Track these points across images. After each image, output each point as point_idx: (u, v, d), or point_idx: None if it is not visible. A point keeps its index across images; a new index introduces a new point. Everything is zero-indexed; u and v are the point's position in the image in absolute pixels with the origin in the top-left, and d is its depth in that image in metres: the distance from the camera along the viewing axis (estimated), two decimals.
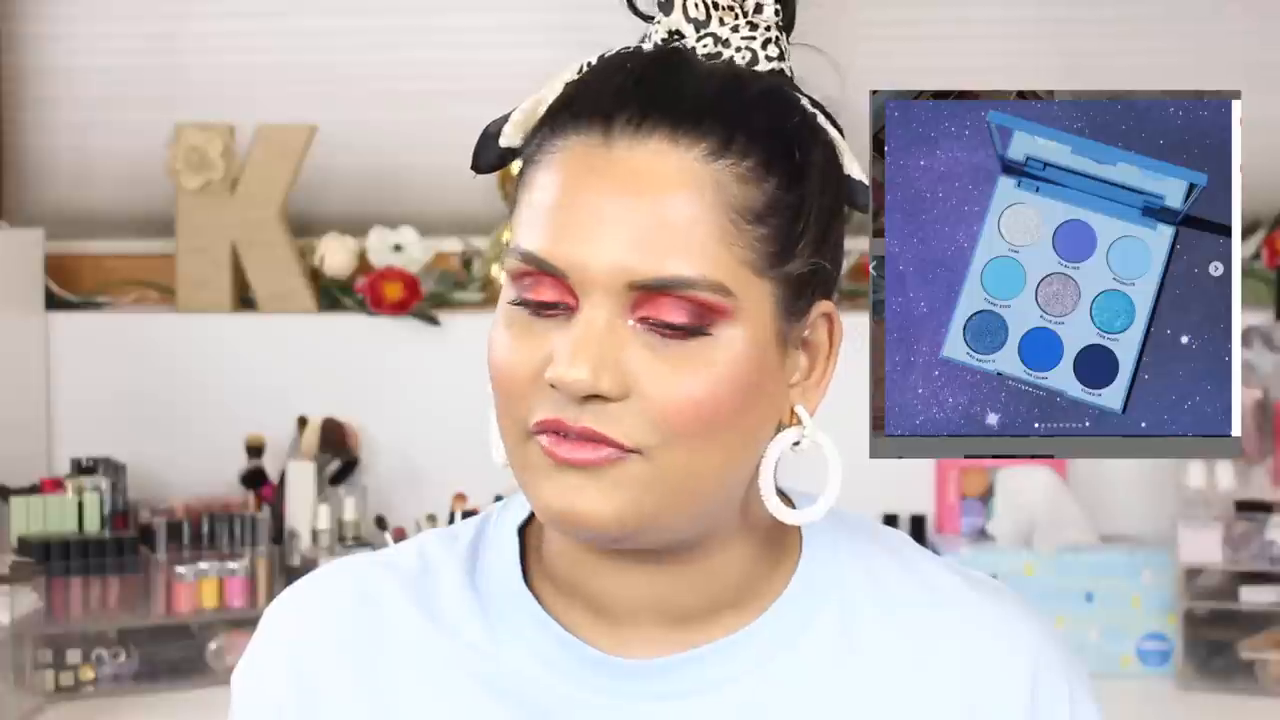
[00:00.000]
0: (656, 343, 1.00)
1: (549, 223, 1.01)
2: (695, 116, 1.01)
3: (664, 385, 1.00)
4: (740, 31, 1.07)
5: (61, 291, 3.05)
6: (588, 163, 1.01)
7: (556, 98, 1.05)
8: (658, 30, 1.07)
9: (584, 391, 0.99)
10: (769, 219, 1.02)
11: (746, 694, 1.06)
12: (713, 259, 1.00)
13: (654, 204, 0.99)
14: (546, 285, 1.01)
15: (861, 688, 1.08)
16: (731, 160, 1.01)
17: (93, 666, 2.60)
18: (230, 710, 1.13)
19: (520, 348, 1.02)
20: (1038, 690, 1.10)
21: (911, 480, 2.85)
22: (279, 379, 2.95)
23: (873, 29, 3.13)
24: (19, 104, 3.21)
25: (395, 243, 3.01)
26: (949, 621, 1.10)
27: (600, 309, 1.00)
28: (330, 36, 3.19)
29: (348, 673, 1.09)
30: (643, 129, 1.01)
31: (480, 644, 1.08)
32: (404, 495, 2.91)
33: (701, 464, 1.01)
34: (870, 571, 1.11)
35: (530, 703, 1.06)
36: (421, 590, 1.11)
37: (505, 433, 1.04)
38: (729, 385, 1.01)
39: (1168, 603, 2.68)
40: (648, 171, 1.00)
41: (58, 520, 2.64)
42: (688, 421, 1.00)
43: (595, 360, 0.99)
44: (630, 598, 1.07)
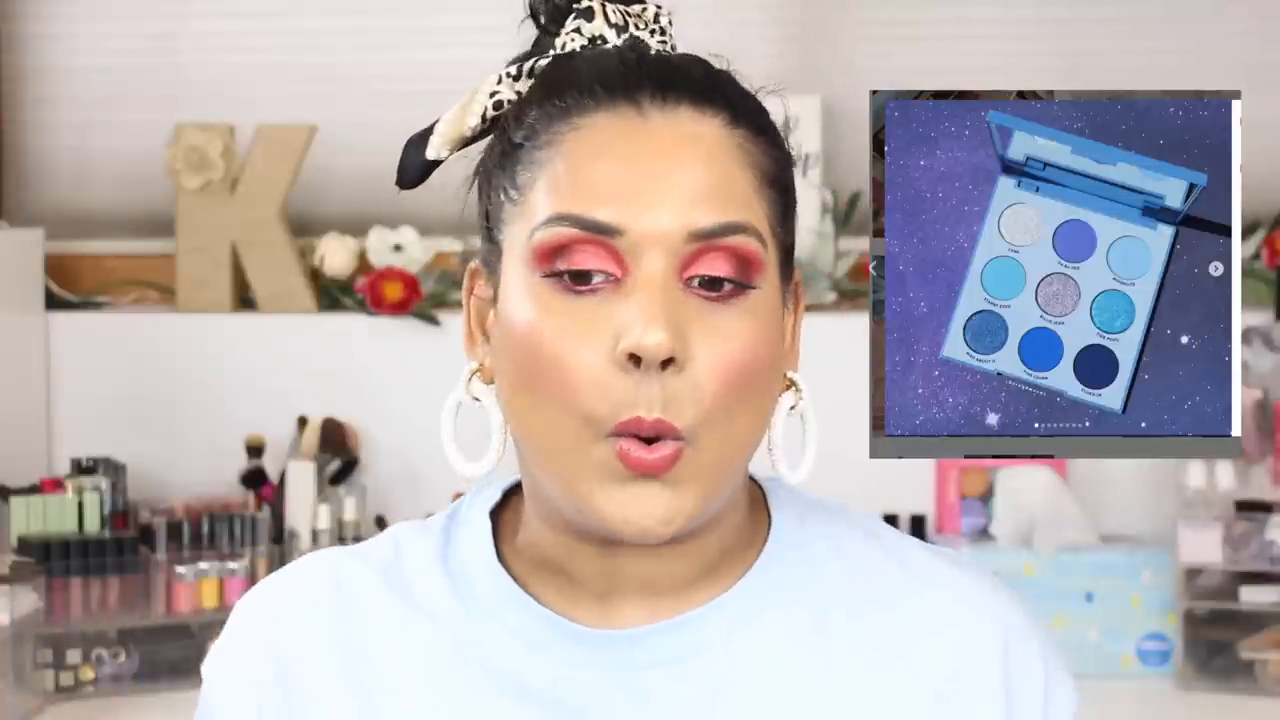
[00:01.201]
0: (703, 306, 1.02)
1: (590, 187, 1.02)
2: (707, 90, 1.05)
3: (715, 350, 1.01)
4: (655, 36, 1.10)
5: (61, 291, 3.05)
6: (625, 131, 1.03)
7: (530, 92, 1.07)
8: (575, 38, 1.09)
9: (666, 354, 0.99)
10: (777, 183, 1.06)
11: (724, 660, 1.07)
12: (754, 211, 1.04)
13: (700, 163, 1.03)
14: (590, 253, 1.01)
15: (834, 653, 1.08)
16: (744, 129, 1.05)
17: (93, 666, 2.60)
18: (202, 702, 1.12)
19: (570, 332, 1.01)
20: (1010, 657, 1.10)
21: (911, 480, 2.85)
22: (279, 379, 2.95)
23: (873, 29, 3.14)
24: (19, 104, 3.21)
25: (395, 243, 3.01)
26: (918, 592, 1.11)
27: (658, 266, 1.01)
28: (330, 36, 3.19)
29: (327, 658, 1.10)
30: (669, 102, 1.04)
31: (456, 623, 1.09)
32: (404, 495, 2.91)
33: (740, 439, 1.03)
34: (837, 543, 1.12)
35: (509, 678, 1.07)
36: (395, 576, 1.11)
37: (546, 429, 1.03)
38: (765, 346, 1.03)
39: (1168, 603, 2.68)
40: (688, 136, 1.03)
41: (58, 520, 2.64)
42: (734, 389, 1.01)
43: (667, 321, 1.00)
44: (620, 579, 1.07)
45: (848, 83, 3.07)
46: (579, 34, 1.09)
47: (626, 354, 0.99)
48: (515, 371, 1.03)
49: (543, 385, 1.02)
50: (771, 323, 1.04)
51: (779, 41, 3.13)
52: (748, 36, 3.11)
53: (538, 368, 1.02)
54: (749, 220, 1.03)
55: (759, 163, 1.05)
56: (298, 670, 1.10)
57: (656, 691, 1.06)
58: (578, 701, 1.06)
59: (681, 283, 1.01)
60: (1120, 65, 3.09)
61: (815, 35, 3.15)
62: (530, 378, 1.02)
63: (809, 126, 2.94)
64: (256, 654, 1.11)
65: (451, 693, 1.07)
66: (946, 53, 3.13)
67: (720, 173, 1.03)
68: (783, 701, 1.07)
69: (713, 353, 1.01)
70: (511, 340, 1.03)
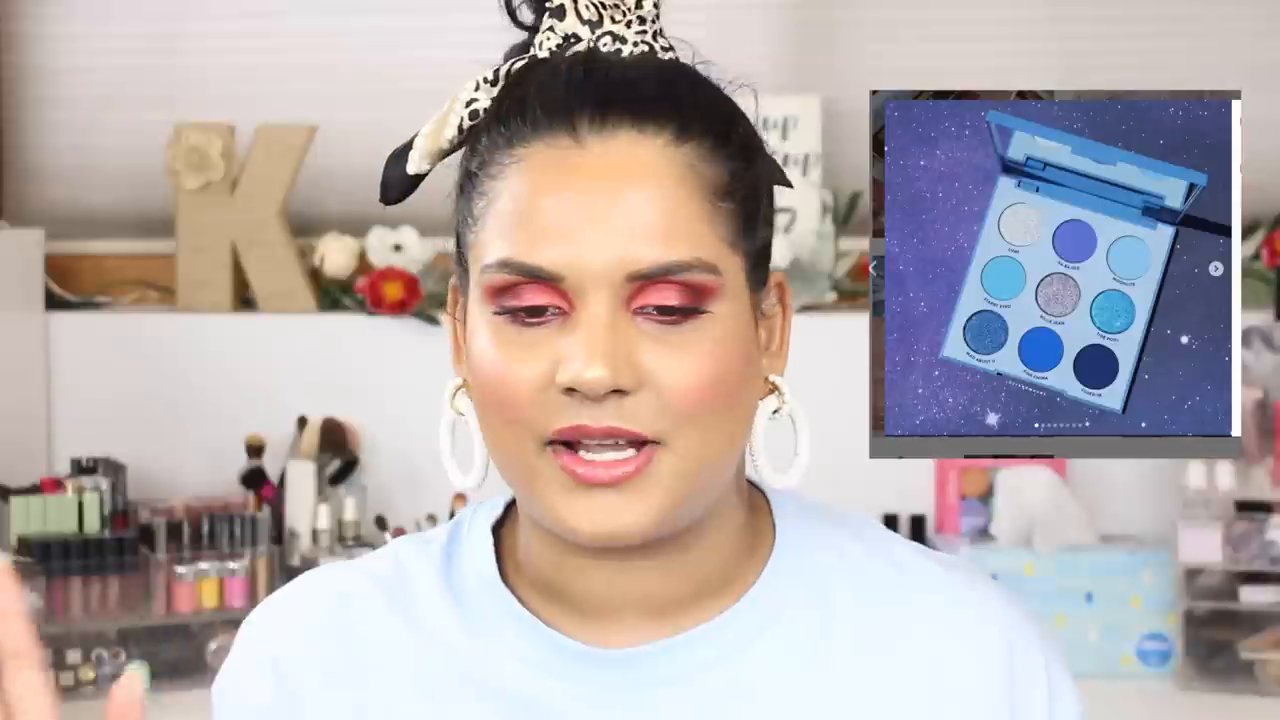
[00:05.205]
0: (658, 330, 1.01)
1: (530, 228, 1.01)
2: (651, 106, 1.02)
3: (675, 370, 1.00)
4: (633, 28, 1.08)
5: (61, 291, 3.05)
6: (561, 164, 1.01)
7: (489, 110, 1.06)
8: (550, 37, 1.08)
9: (605, 389, 0.99)
10: (735, 194, 1.04)
11: (727, 678, 1.07)
12: (699, 240, 1.01)
13: (639, 194, 1.00)
14: (535, 291, 1.01)
15: (838, 669, 1.08)
16: (694, 143, 1.02)
17: (93, 666, 2.60)
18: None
19: (517, 359, 1.01)
20: (1014, 666, 1.10)
21: (911, 480, 2.85)
22: (279, 379, 2.95)
23: (873, 29, 3.13)
24: (19, 104, 3.21)
25: (395, 243, 3.01)
26: (922, 602, 1.11)
27: (601, 305, 1.00)
28: (330, 36, 3.19)
29: (330, 679, 1.10)
30: (608, 125, 1.02)
31: (459, 643, 1.09)
32: (404, 495, 2.91)
33: (714, 444, 1.02)
34: (843, 554, 1.12)
35: (512, 698, 1.07)
36: (398, 594, 1.11)
37: (507, 447, 1.03)
38: (729, 361, 1.02)
39: (1168, 603, 2.68)
40: (625, 164, 1.01)
41: (57, 520, 2.64)
42: (703, 402, 1.01)
43: (609, 356, 0.99)
44: (616, 594, 1.07)
45: (848, 83, 3.07)
46: (553, 33, 1.08)
47: (564, 387, 1.00)
48: (478, 393, 1.05)
49: (496, 406, 1.03)
50: (736, 336, 1.03)
51: (779, 41, 3.13)
52: (748, 36, 3.11)
53: (492, 391, 1.03)
54: (693, 256, 1.01)
55: (710, 180, 1.02)
56: (301, 691, 1.10)
57: (659, 711, 1.06)
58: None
59: (630, 312, 1.01)
60: (1120, 65, 3.09)
61: (815, 35, 3.15)
62: (487, 401, 1.04)
63: (809, 126, 2.94)
64: (259, 676, 1.11)
65: (452, 712, 1.07)
66: (946, 53, 3.12)
67: (663, 205, 1.01)
68: (788, 717, 1.07)
69: (673, 372, 1.00)
70: (474, 366, 1.05)
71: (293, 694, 1.10)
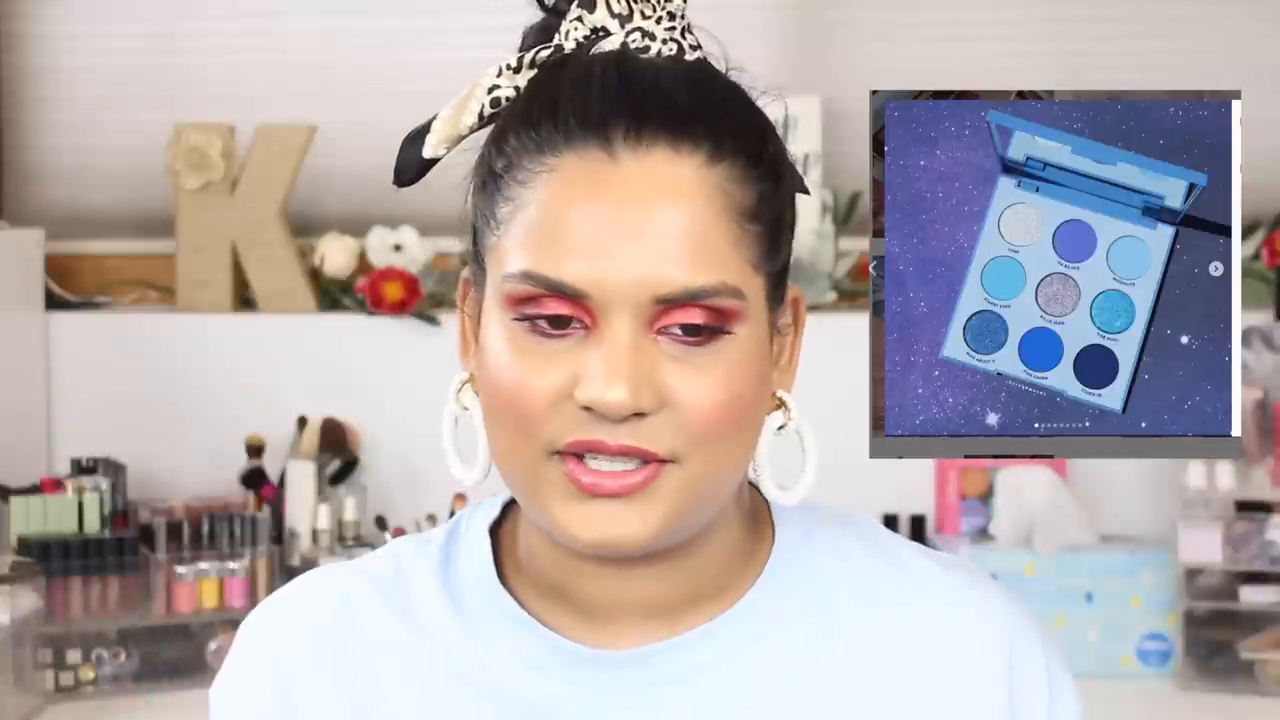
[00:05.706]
0: (679, 351, 1.00)
1: (557, 242, 1.00)
2: (688, 123, 1.01)
3: (694, 392, 1.00)
4: (663, 24, 1.06)
5: (61, 291, 3.05)
6: (593, 178, 1.00)
7: (517, 107, 1.04)
8: (577, 27, 1.06)
9: (626, 412, 0.98)
10: (762, 216, 1.03)
11: (724, 679, 1.07)
12: (727, 264, 1.00)
13: (670, 215, 0.99)
14: (558, 303, 1.00)
15: (838, 669, 1.08)
16: (727, 163, 1.01)
17: (93, 666, 2.60)
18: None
19: (534, 369, 1.00)
20: (1014, 665, 1.10)
21: (911, 480, 2.85)
22: (279, 379, 2.95)
23: (873, 29, 3.13)
24: (19, 104, 3.21)
25: (395, 243, 3.01)
26: (923, 603, 1.10)
27: (624, 325, 0.99)
28: (330, 36, 3.19)
29: (328, 681, 1.09)
30: (643, 140, 1.00)
31: (457, 645, 1.09)
32: (404, 495, 2.91)
33: (726, 462, 1.02)
34: (843, 556, 1.11)
35: (511, 699, 1.07)
36: (396, 595, 1.11)
37: (513, 451, 1.03)
38: (746, 381, 1.02)
39: (1168, 603, 2.68)
40: (659, 183, 0.99)
41: (58, 520, 2.64)
42: (721, 424, 1.00)
43: (632, 379, 0.98)
44: (616, 597, 1.07)
45: (848, 83, 3.07)
46: (581, 24, 1.06)
47: (582, 406, 0.99)
48: (487, 397, 1.04)
49: (508, 412, 1.02)
50: (754, 358, 1.02)
51: (779, 42, 3.13)
52: (748, 37, 3.11)
53: (505, 397, 1.02)
54: (719, 280, 0.99)
55: (740, 201, 1.01)
56: (299, 694, 1.10)
57: (657, 712, 1.06)
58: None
59: (654, 333, 1.00)
60: (1120, 65, 3.10)
61: (815, 35, 3.15)
62: (498, 406, 1.02)
63: (809, 126, 2.94)
64: (258, 680, 1.11)
65: (451, 712, 1.07)
66: (946, 53, 3.12)
67: (692, 227, 0.99)
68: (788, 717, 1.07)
69: (692, 393, 1.00)
70: (486, 367, 1.03)
71: (291, 695, 1.10)
